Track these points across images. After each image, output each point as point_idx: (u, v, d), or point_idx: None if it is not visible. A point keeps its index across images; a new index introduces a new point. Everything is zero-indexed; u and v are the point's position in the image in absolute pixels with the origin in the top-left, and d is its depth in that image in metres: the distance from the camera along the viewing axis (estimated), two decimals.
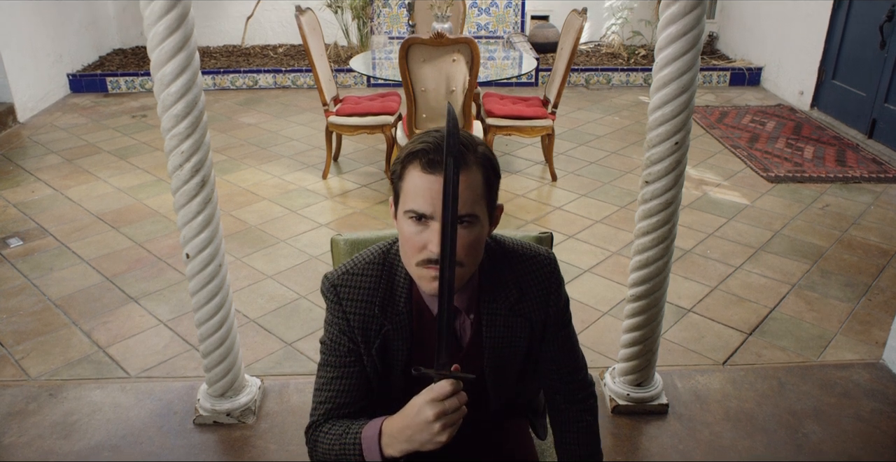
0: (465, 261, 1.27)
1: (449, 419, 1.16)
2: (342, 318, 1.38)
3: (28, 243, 3.71)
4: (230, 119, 5.85)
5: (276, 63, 7.02)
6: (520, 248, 1.47)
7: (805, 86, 6.06)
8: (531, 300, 1.43)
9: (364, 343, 1.38)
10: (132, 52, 7.54)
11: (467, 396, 1.25)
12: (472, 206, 1.24)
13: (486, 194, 1.28)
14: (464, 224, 1.24)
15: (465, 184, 1.23)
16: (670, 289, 2.85)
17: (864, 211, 4.08)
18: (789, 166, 4.73)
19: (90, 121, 5.80)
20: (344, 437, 1.33)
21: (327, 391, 1.41)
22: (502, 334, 1.43)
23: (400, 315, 1.38)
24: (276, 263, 3.50)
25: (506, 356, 1.44)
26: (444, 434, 1.16)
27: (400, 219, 1.29)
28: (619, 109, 6.13)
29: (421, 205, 1.23)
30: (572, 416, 1.54)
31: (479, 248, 1.31)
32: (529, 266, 1.45)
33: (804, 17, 6.02)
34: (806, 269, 3.45)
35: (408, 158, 1.26)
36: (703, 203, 4.21)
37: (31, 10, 5.96)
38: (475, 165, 1.25)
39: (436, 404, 1.16)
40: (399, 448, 1.23)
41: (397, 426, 1.23)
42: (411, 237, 1.26)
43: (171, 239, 3.75)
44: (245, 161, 4.89)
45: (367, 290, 1.39)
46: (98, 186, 4.45)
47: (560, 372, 1.51)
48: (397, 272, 1.39)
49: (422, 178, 1.23)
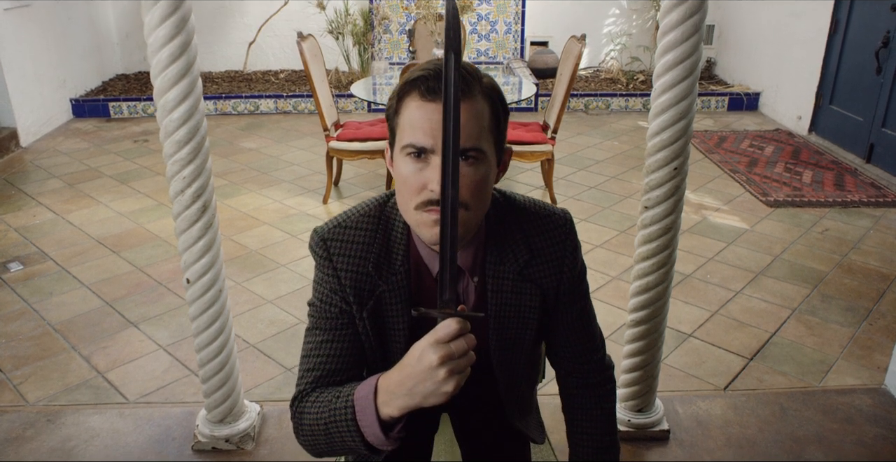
0: (470, 202, 1.13)
1: (456, 365, 0.98)
2: (332, 275, 1.24)
3: (28, 267, 3.71)
4: (231, 144, 5.88)
5: (277, 88, 7.08)
6: (531, 205, 1.31)
7: (803, 111, 6.10)
8: (543, 263, 1.28)
9: (357, 304, 1.24)
10: (135, 77, 7.60)
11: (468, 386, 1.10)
12: (477, 140, 1.11)
13: (493, 129, 1.15)
14: (469, 160, 1.11)
15: (470, 113, 1.10)
16: (671, 314, 2.85)
17: (863, 235, 4.09)
18: (788, 191, 4.75)
19: (92, 145, 5.83)
20: (334, 402, 1.16)
21: (315, 357, 1.25)
22: (510, 301, 1.27)
23: (397, 275, 1.24)
24: (276, 288, 3.50)
25: (514, 328, 1.29)
26: (450, 382, 0.98)
27: (397, 159, 1.16)
28: (619, 134, 6.16)
29: (420, 138, 1.10)
30: (586, 402, 1.40)
31: (486, 190, 1.16)
32: (542, 225, 1.29)
33: (801, 43, 6.09)
34: (806, 293, 3.45)
35: (405, 89, 1.13)
36: (702, 227, 4.22)
37: (36, 36, 6.02)
38: (481, 95, 1.13)
39: (440, 347, 0.98)
40: (398, 404, 1.05)
41: (395, 379, 1.05)
42: (409, 177, 1.12)
43: (172, 263, 3.75)
44: (246, 186, 4.91)
45: (360, 245, 1.24)
46: (99, 211, 4.47)
47: (574, 351, 1.37)
48: (394, 227, 1.25)
49: (421, 108, 1.10)
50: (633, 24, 7.74)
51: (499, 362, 1.31)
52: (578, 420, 1.41)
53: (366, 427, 1.09)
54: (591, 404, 1.40)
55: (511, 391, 1.38)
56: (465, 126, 1.08)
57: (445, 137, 0.97)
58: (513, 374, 1.35)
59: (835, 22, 5.63)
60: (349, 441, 1.13)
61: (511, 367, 1.33)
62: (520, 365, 1.35)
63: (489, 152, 1.14)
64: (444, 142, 0.98)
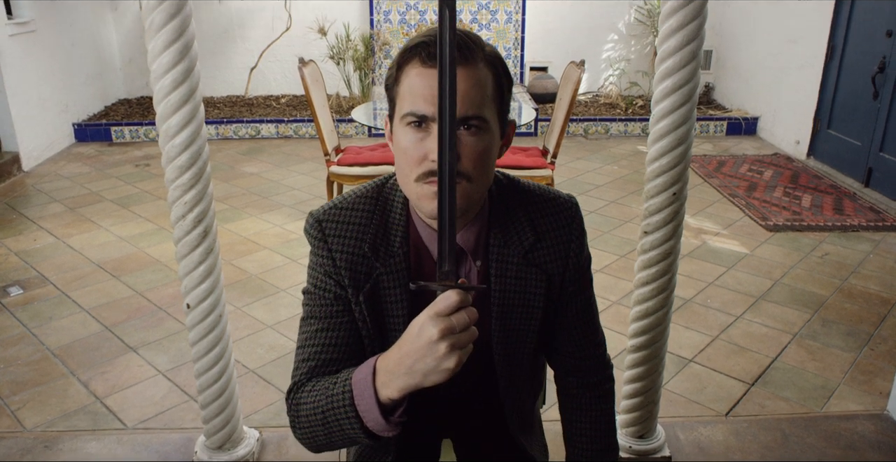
0: (472, 173, 1.08)
1: (457, 339, 0.93)
2: (327, 257, 1.19)
3: (28, 292, 3.71)
4: (232, 168, 5.91)
5: (278, 113, 7.12)
6: (536, 188, 1.27)
7: (801, 135, 6.13)
8: (548, 247, 1.23)
9: (352, 288, 1.18)
10: (137, 102, 7.66)
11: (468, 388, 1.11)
12: (480, 108, 1.07)
13: (496, 99, 1.11)
14: (471, 129, 1.07)
15: (473, 80, 1.06)
16: (671, 339, 2.84)
17: (863, 259, 4.09)
18: (787, 215, 4.76)
19: (94, 169, 5.86)
20: (331, 388, 1.09)
21: (311, 346, 1.20)
22: (514, 288, 1.21)
23: (395, 257, 1.18)
24: (276, 313, 3.50)
25: (518, 317, 1.23)
26: (451, 358, 0.93)
27: (396, 131, 1.11)
28: (618, 159, 6.19)
29: (420, 105, 1.06)
30: (585, 402, 1.35)
31: (489, 162, 1.12)
32: (548, 207, 1.26)
33: (798, 68, 6.14)
34: (807, 318, 3.44)
35: (405, 56, 1.09)
36: (702, 252, 4.22)
37: (41, 62, 6.08)
38: (483, 62, 1.09)
39: (440, 320, 0.92)
40: (398, 385, 0.99)
41: (394, 357, 0.99)
42: (409, 148, 1.08)
43: (172, 288, 3.75)
44: (246, 210, 4.93)
45: (356, 225, 1.19)
46: (100, 235, 4.47)
47: (576, 344, 1.32)
48: (393, 208, 1.21)
49: (421, 75, 1.06)
50: (632, 49, 7.81)
51: (501, 357, 1.25)
52: (577, 421, 1.36)
53: (365, 412, 1.04)
54: (590, 405, 1.36)
55: (512, 395, 1.32)
56: (468, 93, 1.05)
57: (441, 87, 0.91)
58: (515, 374, 1.29)
59: (831, 48, 5.68)
60: (348, 428, 1.07)
61: (514, 364, 1.27)
62: (523, 363, 1.28)
63: (492, 122, 1.10)
64: (441, 94, 0.92)
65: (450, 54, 0.90)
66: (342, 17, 7.43)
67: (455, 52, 0.92)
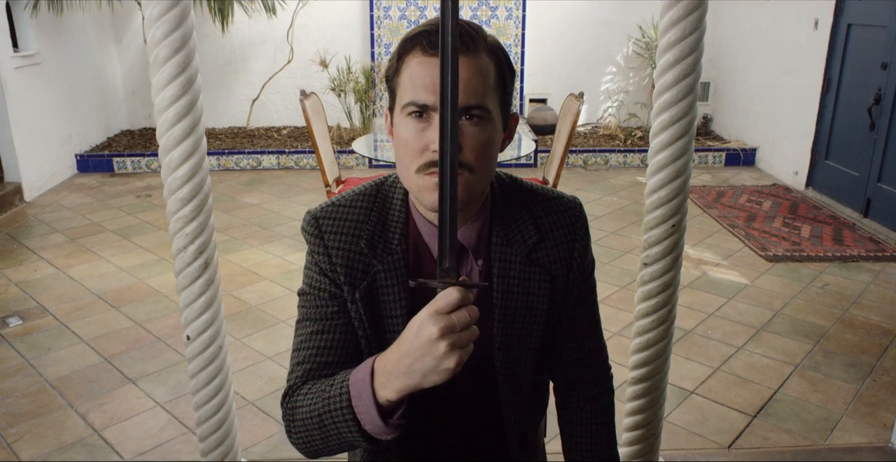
0: (474, 165, 1.06)
1: (458, 337, 0.90)
2: (323, 254, 1.16)
3: (27, 322, 3.70)
4: (233, 199, 5.93)
5: (279, 144, 7.17)
6: (540, 188, 1.25)
7: (799, 166, 6.17)
8: (552, 247, 1.20)
9: (348, 285, 1.15)
10: (139, 133, 7.71)
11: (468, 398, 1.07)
12: (482, 97, 1.05)
13: (499, 89, 1.10)
14: (473, 119, 1.05)
15: (474, 69, 1.04)
16: (672, 370, 2.83)
17: (863, 290, 4.09)
18: (787, 245, 4.77)
19: (95, 200, 5.88)
20: (327, 391, 1.06)
21: (306, 349, 1.16)
22: (517, 288, 1.18)
23: (393, 255, 1.15)
24: (276, 344, 3.48)
25: (521, 320, 1.19)
26: (451, 357, 0.90)
27: (397, 122, 1.09)
28: (618, 190, 6.22)
29: (421, 94, 1.04)
30: (587, 416, 1.32)
31: (492, 153, 1.09)
32: (551, 206, 1.22)
33: (795, 100, 6.20)
34: (808, 349, 3.43)
35: (406, 46, 1.08)
36: (702, 282, 4.22)
37: (45, 94, 6.14)
38: (485, 52, 1.07)
39: (440, 317, 0.90)
40: (396, 385, 0.95)
41: (393, 357, 0.96)
42: (410, 139, 1.06)
43: (172, 319, 3.74)
44: (247, 241, 4.93)
45: (353, 222, 1.17)
46: (100, 265, 4.47)
47: (580, 351, 1.29)
48: (392, 204, 1.18)
49: (422, 64, 1.04)
50: (630, 81, 7.89)
51: (503, 364, 1.21)
52: (577, 435, 1.33)
53: (362, 414, 1.01)
54: (590, 419, 1.33)
55: (513, 408, 1.27)
56: (469, 82, 1.03)
57: (443, 75, 0.89)
58: (517, 383, 1.24)
59: (827, 80, 5.74)
60: (345, 432, 1.04)
61: (516, 372, 1.23)
62: (525, 370, 1.24)
63: (495, 113, 1.08)
64: (443, 82, 0.89)
65: (451, 43, 0.88)
66: (343, 50, 7.52)
67: (457, 41, 0.90)
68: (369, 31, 7.55)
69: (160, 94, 1.88)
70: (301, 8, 7.26)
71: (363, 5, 7.50)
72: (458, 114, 1.03)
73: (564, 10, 7.64)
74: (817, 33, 5.80)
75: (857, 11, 5.37)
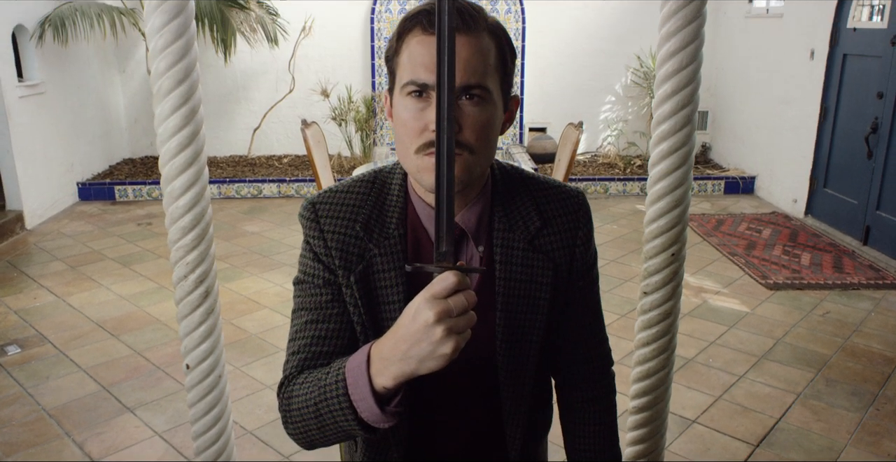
0: (475, 145, 1.04)
1: (454, 323, 0.87)
2: (318, 238, 1.14)
3: (26, 351, 3.69)
4: (234, 227, 5.94)
5: (280, 173, 7.21)
6: (542, 177, 1.23)
7: (798, 194, 6.19)
8: (555, 234, 1.18)
9: (343, 269, 1.12)
10: (141, 161, 7.75)
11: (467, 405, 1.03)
12: (482, 77, 1.04)
13: (499, 69, 1.08)
14: (474, 99, 1.03)
15: (475, 48, 1.03)
16: (673, 399, 2.81)
17: (864, 318, 4.08)
18: (787, 273, 4.77)
19: (96, 228, 5.89)
20: (323, 379, 1.04)
21: (301, 339, 1.15)
22: (520, 276, 1.15)
23: (390, 239, 1.13)
24: (276, 373, 3.47)
25: (524, 310, 1.16)
26: (448, 343, 0.87)
27: (397, 103, 1.08)
28: (617, 218, 6.23)
29: (421, 73, 1.02)
30: (590, 417, 1.32)
31: (492, 134, 1.08)
32: (554, 194, 1.21)
33: (792, 128, 6.24)
34: (810, 377, 3.41)
35: (405, 25, 1.06)
36: (703, 311, 4.21)
37: (48, 122, 6.19)
38: (486, 32, 1.06)
39: (437, 302, 0.87)
40: (392, 372, 0.93)
41: (389, 343, 0.93)
42: (410, 120, 1.04)
43: (171, 347, 3.73)
44: (247, 269, 4.94)
45: (350, 206, 1.15)
46: (100, 293, 4.47)
47: (582, 343, 1.28)
48: (390, 189, 1.16)
49: (422, 43, 1.03)
50: (629, 110, 7.95)
51: (505, 358, 1.17)
52: (581, 435, 1.32)
53: (359, 401, 0.98)
54: (594, 419, 1.31)
55: (514, 408, 1.23)
56: (470, 61, 1.02)
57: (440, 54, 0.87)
58: (519, 380, 1.20)
59: (824, 109, 5.79)
60: (342, 420, 1.01)
61: (518, 367, 1.19)
62: (527, 367, 1.20)
63: (495, 93, 1.07)
64: (440, 60, 0.87)
65: (448, 21, 0.87)
66: (345, 80, 7.59)
67: (454, 19, 0.88)
68: (370, 61, 7.63)
69: (163, 125, 1.90)
70: (303, 38, 7.35)
71: (364, 36, 7.59)
72: (458, 93, 1.02)
73: (563, 41, 7.73)
74: (813, 63, 5.86)
75: (852, 42, 5.44)
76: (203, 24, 6.48)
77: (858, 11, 5.40)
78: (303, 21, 7.29)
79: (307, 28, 7.30)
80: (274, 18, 7.07)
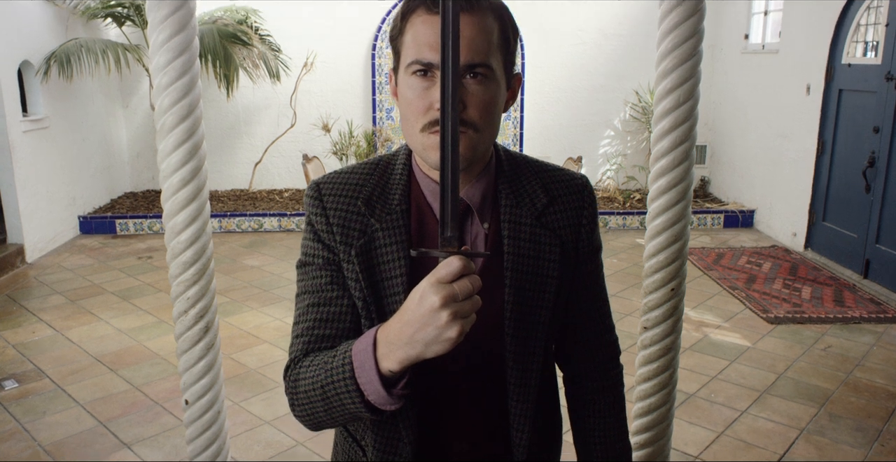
0: (479, 123, 1.06)
1: (460, 307, 0.89)
2: (321, 215, 1.15)
3: (24, 385, 3.67)
4: (234, 261, 5.94)
5: (281, 207, 7.23)
6: (546, 162, 1.25)
7: (797, 227, 6.21)
8: (561, 212, 1.18)
9: (344, 245, 1.13)
10: (143, 195, 7.79)
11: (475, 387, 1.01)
12: (486, 55, 1.05)
13: (502, 47, 1.09)
14: (477, 77, 1.05)
15: (479, 27, 1.04)
16: (676, 435, 2.79)
17: (867, 352, 4.06)
18: (788, 307, 4.76)
19: (97, 262, 5.89)
20: (330, 362, 1.05)
21: (304, 323, 1.15)
22: (528, 252, 1.15)
23: (392, 214, 1.13)
24: (275, 409, 3.44)
25: (532, 287, 1.15)
26: (453, 327, 0.89)
27: (401, 82, 1.09)
28: (617, 252, 6.24)
29: (426, 53, 1.04)
30: (600, 409, 1.30)
31: (496, 112, 1.09)
32: (559, 176, 1.22)
33: (791, 162, 6.28)
34: (813, 412, 3.39)
35: (409, 6, 1.08)
36: (704, 345, 4.19)
37: (51, 157, 6.23)
38: (489, 11, 1.07)
39: (442, 287, 0.89)
40: (398, 356, 0.95)
41: (395, 327, 0.95)
42: (415, 99, 1.06)
43: (170, 382, 3.71)
44: (247, 303, 4.93)
45: (352, 185, 1.16)
46: (99, 327, 4.46)
47: (591, 328, 1.27)
48: (394, 168, 1.18)
49: (426, 22, 1.04)
50: (628, 144, 8.01)
51: (513, 336, 1.15)
52: (591, 428, 1.30)
53: (366, 384, 1.00)
54: (605, 411, 1.30)
55: (522, 391, 1.19)
56: (474, 40, 1.03)
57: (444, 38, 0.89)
58: (527, 358, 1.18)
59: (821, 143, 5.84)
60: (348, 402, 1.03)
61: (526, 346, 1.17)
62: (535, 347, 1.18)
63: (499, 71, 1.08)
64: (444, 44, 0.89)
65: (453, 5, 0.89)
66: (346, 115, 7.67)
67: (459, 1, 0.90)
68: (371, 97, 7.72)
69: (166, 160, 1.92)
70: (305, 74, 7.44)
71: (365, 71, 7.69)
72: (463, 72, 1.04)
73: (562, 76, 7.82)
74: (810, 98, 5.92)
75: (848, 77, 5.50)
76: (206, 60, 6.56)
77: (853, 47, 5.48)
78: (305, 57, 7.39)
79: (309, 64, 7.39)
80: (276, 54, 7.16)
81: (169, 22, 1.80)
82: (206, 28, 6.61)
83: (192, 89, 1.88)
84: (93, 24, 7.03)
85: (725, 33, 7.54)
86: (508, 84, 1.13)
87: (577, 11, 7.68)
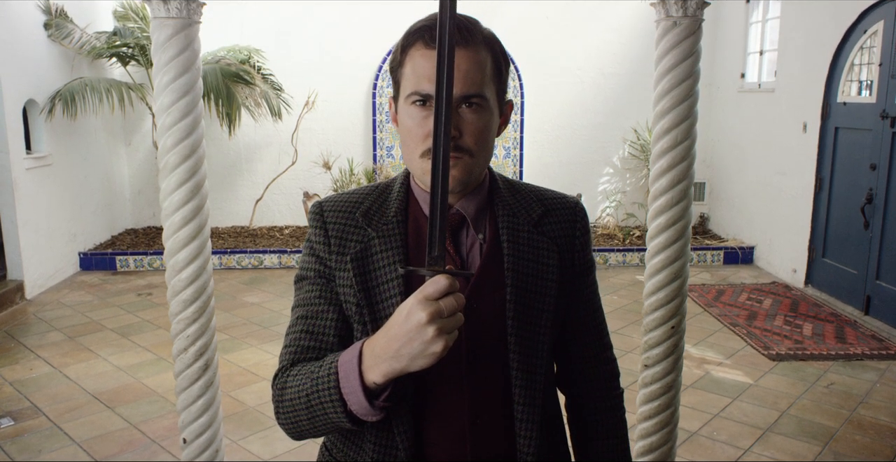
0: (473, 148, 1.12)
1: (445, 323, 0.94)
2: (320, 229, 1.21)
3: (20, 423, 3.63)
4: (234, 298, 5.94)
5: (281, 244, 7.25)
6: (540, 186, 1.32)
7: (797, 264, 6.21)
8: (556, 222, 1.24)
9: (338, 255, 1.18)
10: (143, 231, 7.81)
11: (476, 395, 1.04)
12: (480, 87, 1.12)
13: (495, 78, 1.16)
14: (472, 107, 1.12)
15: (473, 61, 1.11)
16: None
17: (870, 389, 4.03)
18: (790, 344, 4.74)
19: (96, 298, 5.89)
20: (316, 372, 1.09)
21: (293, 333, 1.21)
22: (527, 255, 1.20)
23: (389, 224, 1.19)
24: (273, 447, 3.41)
25: (533, 290, 1.19)
26: (438, 342, 0.94)
27: (401, 111, 1.16)
28: (617, 289, 6.23)
29: (424, 85, 1.10)
30: (604, 431, 1.32)
31: (490, 138, 1.16)
32: (552, 194, 1.29)
33: (789, 199, 6.31)
34: (817, 451, 3.35)
35: (408, 40, 1.14)
36: (705, 382, 4.16)
37: (53, 193, 6.27)
38: (482, 45, 1.14)
39: (429, 304, 0.94)
40: (383, 369, 0.99)
41: (381, 341, 0.99)
42: (414, 127, 1.12)
43: (168, 420, 3.67)
44: (247, 340, 4.91)
45: (353, 202, 1.23)
46: (97, 365, 4.43)
47: (590, 344, 1.30)
48: (393, 188, 1.24)
49: (425, 57, 1.11)
50: (627, 182, 8.06)
51: (516, 337, 1.17)
52: (596, 450, 1.32)
53: (349, 394, 1.04)
54: (609, 433, 1.33)
55: (528, 394, 1.20)
56: (468, 73, 1.10)
57: (440, 73, 0.96)
58: (531, 361, 1.19)
59: (819, 180, 5.87)
60: (331, 412, 1.06)
61: (529, 349, 1.19)
62: (539, 352, 1.20)
63: (492, 101, 1.15)
64: (438, 79, 0.96)
65: (449, 41, 0.95)
66: (346, 153, 7.73)
67: (455, 38, 0.97)
68: (371, 135, 7.79)
69: (168, 199, 1.94)
70: (306, 112, 7.52)
71: (366, 109, 7.77)
72: (458, 102, 1.11)
73: (561, 114, 7.91)
74: (807, 136, 5.98)
75: (843, 115, 5.56)
76: (209, 99, 6.64)
77: (847, 86, 5.55)
78: (306, 96, 7.47)
79: (310, 102, 7.48)
80: (278, 93, 7.25)
81: (174, 64, 1.83)
82: (210, 67, 6.70)
83: (195, 129, 1.91)
84: (98, 64, 7.12)
85: (722, 72, 7.65)
86: (501, 110, 1.20)
87: (577, 51, 7.80)
